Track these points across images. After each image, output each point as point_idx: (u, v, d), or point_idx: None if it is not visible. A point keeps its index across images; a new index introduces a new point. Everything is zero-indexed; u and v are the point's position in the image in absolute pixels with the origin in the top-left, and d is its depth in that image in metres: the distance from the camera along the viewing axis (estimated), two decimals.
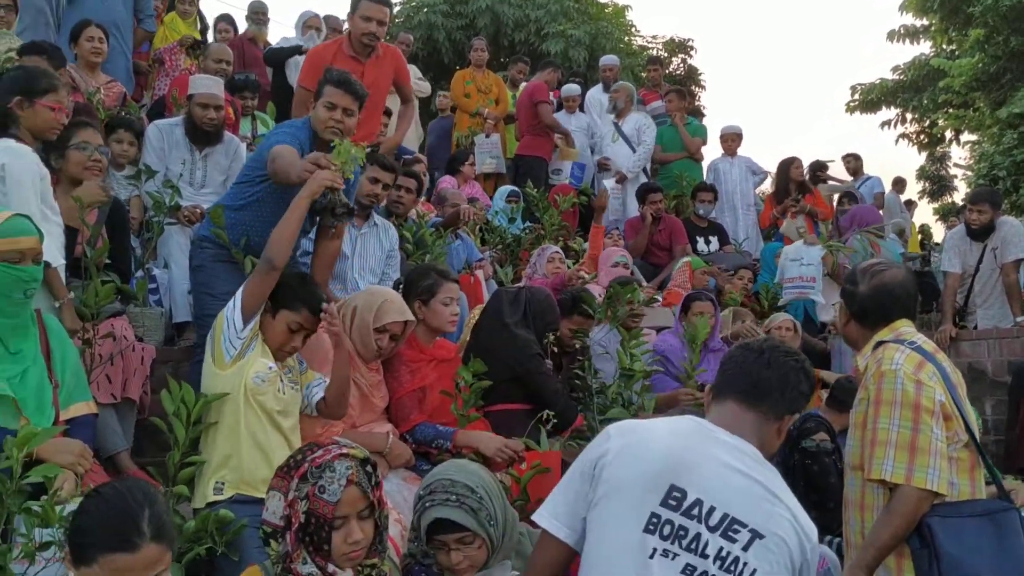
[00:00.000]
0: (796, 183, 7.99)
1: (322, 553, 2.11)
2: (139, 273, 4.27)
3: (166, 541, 1.77)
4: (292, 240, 3.12)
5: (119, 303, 3.46)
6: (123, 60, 6.03)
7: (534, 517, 2.04)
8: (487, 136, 8.28)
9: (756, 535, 1.82)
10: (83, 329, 3.09)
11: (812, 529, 1.92)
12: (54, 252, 3.03)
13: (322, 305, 3.02)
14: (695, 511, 1.84)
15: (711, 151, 9.31)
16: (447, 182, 7.34)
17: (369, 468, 2.20)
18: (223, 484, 2.81)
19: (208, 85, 4.83)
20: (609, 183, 8.05)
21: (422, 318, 3.64)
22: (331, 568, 2.11)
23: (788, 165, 8.08)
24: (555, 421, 3.57)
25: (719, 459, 1.89)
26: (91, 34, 5.09)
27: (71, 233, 3.38)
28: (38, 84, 3.32)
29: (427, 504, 2.34)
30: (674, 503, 1.85)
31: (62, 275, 3.18)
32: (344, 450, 2.19)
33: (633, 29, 17.36)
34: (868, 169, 9.86)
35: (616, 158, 8.35)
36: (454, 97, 8.89)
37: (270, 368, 2.96)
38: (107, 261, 3.27)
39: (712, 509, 1.84)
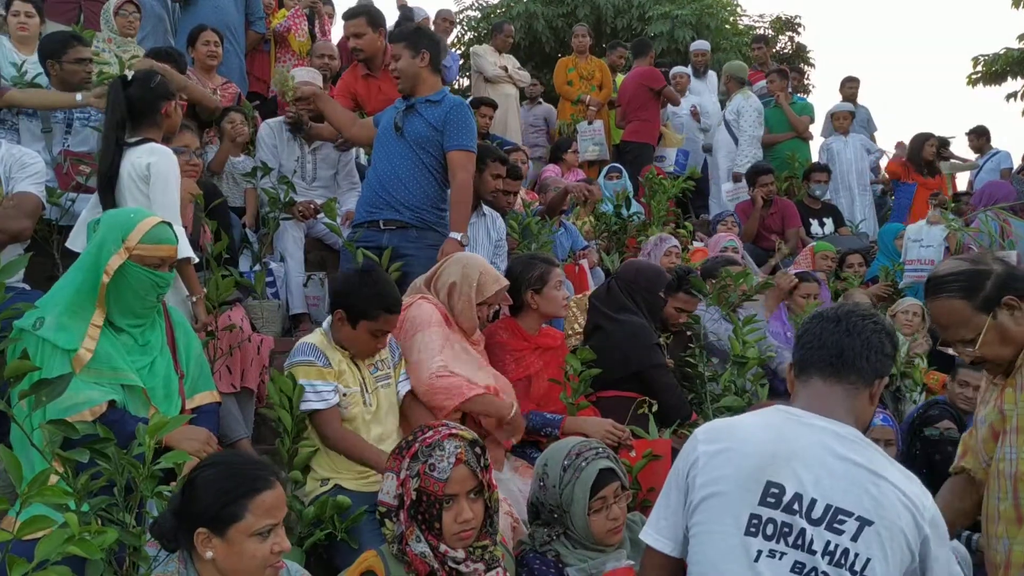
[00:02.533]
0: (927, 162, 7.66)
1: (433, 532, 2.15)
2: (256, 267, 4.43)
3: (283, 483, 2.01)
4: None
5: (237, 293, 3.59)
6: (236, 61, 6.23)
7: (640, 536, 2.02)
8: (590, 123, 8.22)
9: (864, 523, 1.73)
10: (206, 328, 3.21)
11: (926, 500, 1.80)
12: (186, 247, 3.16)
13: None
14: (796, 506, 1.76)
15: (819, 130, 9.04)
16: (551, 171, 7.32)
17: (478, 449, 2.24)
18: (328, 480, 2.89)
19: (305, 77, 4.96)
20: (727, 186, 7.93)
21: (535, 307, 3.65)
22: (443, 548, 2.16)
23: (923, 141, 7.76)
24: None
25: (813, 447, 1.80)
26: (207, 38, 5.28)
27: None
28: (167, 89, 3.46)
29: (583, 463, 2.48)
30: (773, 500, 1.77)
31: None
32: (453, 430, 2.24)
33: (739, 8, 16.94)
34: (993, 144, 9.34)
35: (718, 145, 8.22)
36: (557, 85, 8.85)
37: (344, 395, 2.94)
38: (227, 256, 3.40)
39: (813, 502, 1.75)
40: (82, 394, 2.45)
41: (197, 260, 3.32)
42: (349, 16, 5.02)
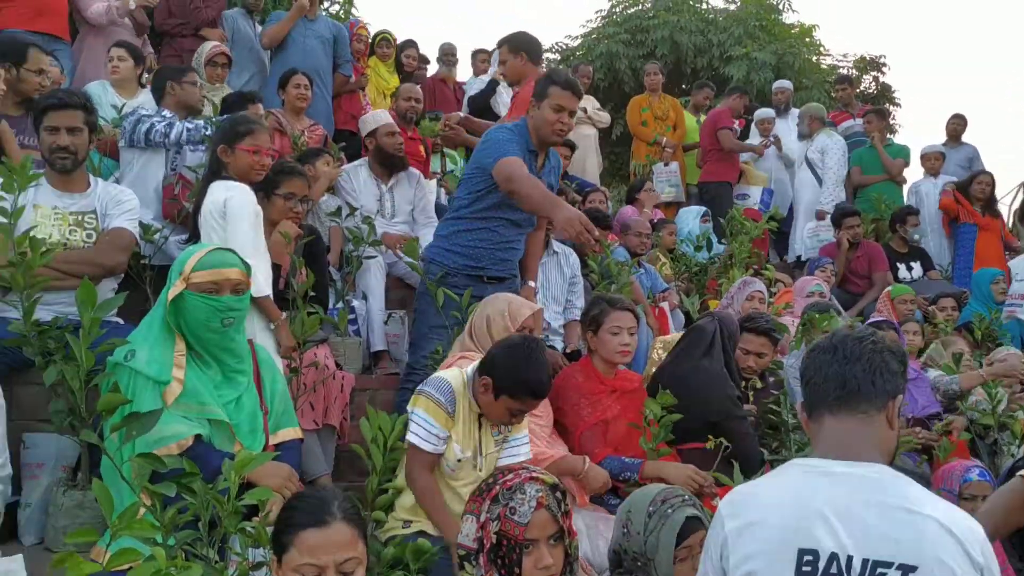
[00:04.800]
0: (980, 200, 7.41)
1: None
2: (339, 304, 4.49)
3: (356, 525, 1.88)
4: None
5: (322, 332, 3.64)
6: (324, 105, 6.40)
7: None
8: (665, 164, 8.18)
9: (907, 569, 1.61)
10: (291, 357, 3.26)
11: (972, 525, 1.66)
12: (262, 284, 3.23)
13: None
14: (833, 568, 1.65)
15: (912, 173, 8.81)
16: (629, 212, 7.29)
17: (559, 494, 2.21)
18: (410, 522, 2.86)
19: (378, 118, 5.15)
20: (810, 224, 7.80)
21: (594, 349, 3.61)
22: None
23: (972, 178, 7.53)
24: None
25: (839, 499, 1.69)
26: (298, 81, 5.44)
27: (273, 268, 3.60)
28: (236, 130, 3.55)
29: (669, 510, 2.40)
30: (808, 569, 1.67)
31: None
32: (534, 474, 2.21)
33: (822, 48, 16.73)
34: None
35: (800, 184, 8.10)
36: (631, 125, 8.82)
37: (459, 460, 2.82)
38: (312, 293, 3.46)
39: (850, 560, 1.65)
40: (170, 428, 2.51)
41: (268, 295, 3.39)
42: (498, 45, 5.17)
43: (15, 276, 2.87)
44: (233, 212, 3.25)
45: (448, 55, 8.17)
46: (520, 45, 5.08)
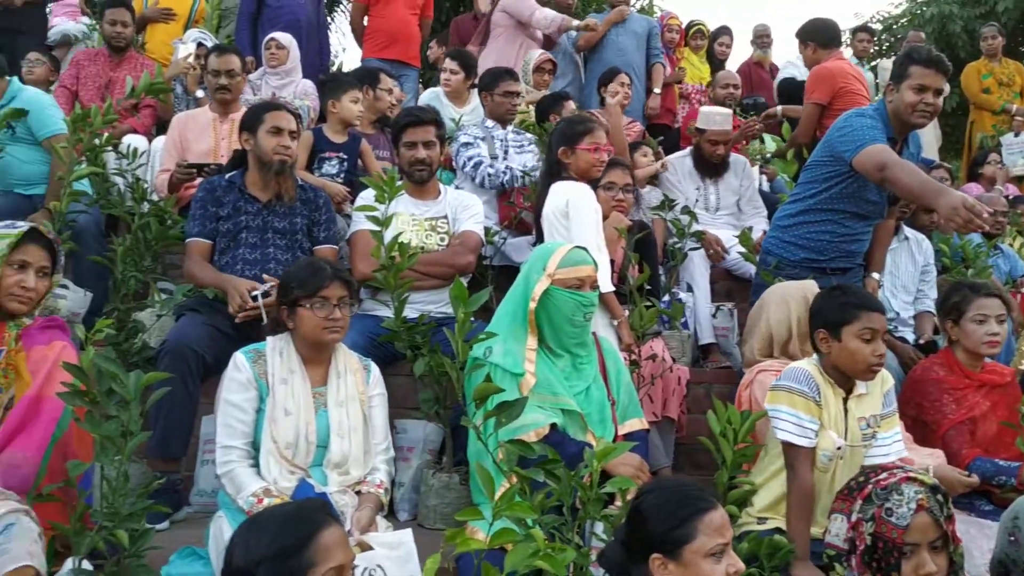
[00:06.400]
0: None
1: None
2: (665, 297, 4.50)
3: None
4: None
5: (656, 326, 3.66)
6: (638, 101, 6.46)
7: None
8: (1016, 135, 7.29)
9: None
10: (632, 351, 3.32)
11: None
12: (605, 280, 3.32)
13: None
14: None
15: None
16: (975, 189, 6.59)
17: (940, 496, 2.04)
18: (765, 519, 2.78)
19: (719, 122, 5.00)
20: None
21: (956, 339, 3.29)
22: None
23: None
24: None
25: None
26: (622, 80, 5.53)
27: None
28: (575, 130, 3.67)
29: None
30: None
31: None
32: (911, 474, 2.07)
33: None
34: None
35: None
36: (970, 94, 7.96)
37: (839, 448, 2.64)
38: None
39: None
40: (528, 416, 2.64)
41: (614, 290, 3.47)
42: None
43: (387, 278, 3.19)
44: (576, 211, 3.36)
45: (762, 37, 7.89)
46: (806, 35, 4.91)
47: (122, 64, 5.48)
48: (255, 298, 3.15)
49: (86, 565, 2.26)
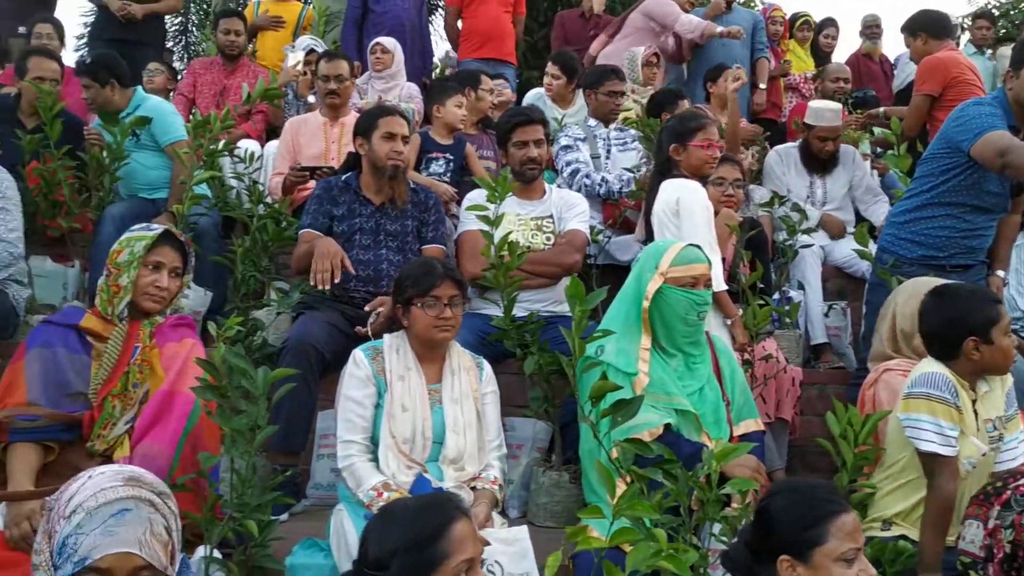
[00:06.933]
0: None
1: None
2: (775, 296, 4.40)
3: None
4: None
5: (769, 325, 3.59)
6: (741, 99, 6.34)
7: None
8: None
9: None
10: (745, 350, 3.26)
11: None
12: (718, 279, 3.27)
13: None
14: None
15: None
16: None
17: None
18: (891, 524, 2.68)
19: (829, 118, 4.87)
20: None
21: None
22: None
23: None
24: None
25: None
26: (738, 75, 5.45)
27: None
28: (687, 127, 3.64)
29: None
30: None
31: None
32: None
33: None
34: None
35: None
36: None
37: (983, 454, 2.51)
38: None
39: None
40: (642, 416, 2.61)
41: (727, 289, 3.42)
42: None
43: (497, 277, 3.21)
44: (687, 210, 3.32)
45: (871, 27, 7.64)
46: (916, 27, 4.74)
47: (235, 72, 5.69)
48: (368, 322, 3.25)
49: (216, 553, 2.35)
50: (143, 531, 1.45)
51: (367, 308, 3.31)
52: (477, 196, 3.56)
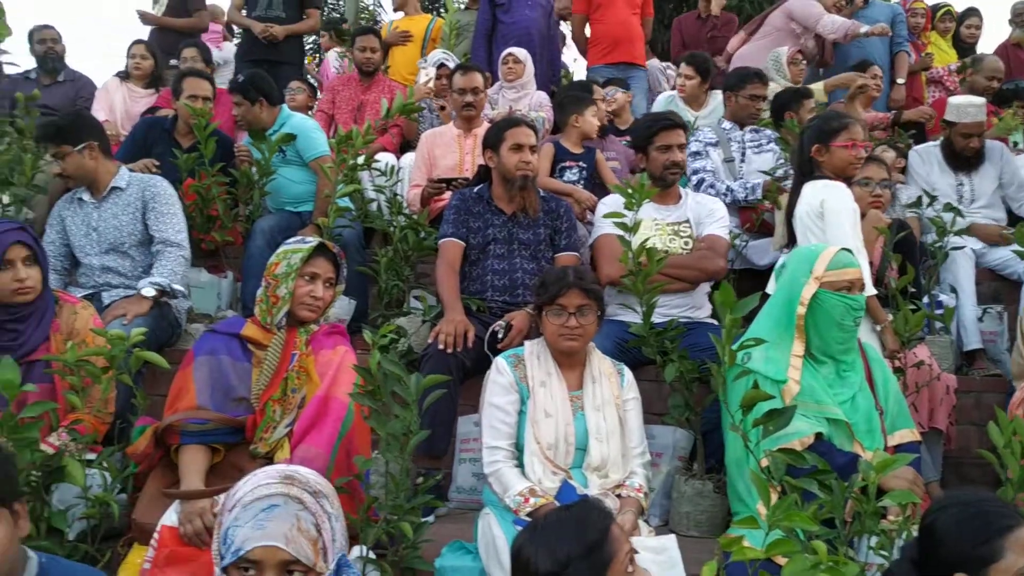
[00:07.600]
0: None
1: None
2: (924, 299, 4.22)
3: None
4: None
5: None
6: (881, 94, 6.13)
7: None
8: None
9: None
10: (897, 357, 3.14)
11: None
12: (868, 283, 3.15)
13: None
14: None
15: None
16: None
17: None
18: None
19: (973, 114, 4.63)
20: None
21: None
22: None
23: None
24: None
25: None
26: (874, 72, 5.29)
27: None
28: (830, 127, 3.54)
29: None
30: None
31: None
32: None
33: None
34: None
35: None
36: None
37: None
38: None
39: None
40: (792, 425, 2.55)
41: (876, 293, 3.30)
42: None
43: (635, 283, 3.20)
44: (831, 212, 3.23)
45: (1021, 15, 7.22)
46: None
47: (371, 87, 5.88)
48: (495, 338, 3.30)
49: (370, 554, 2.44)
50: (290, 526, 1.55)
51: (503, 320, 3.37)
52: (613, 202, 3.56)
